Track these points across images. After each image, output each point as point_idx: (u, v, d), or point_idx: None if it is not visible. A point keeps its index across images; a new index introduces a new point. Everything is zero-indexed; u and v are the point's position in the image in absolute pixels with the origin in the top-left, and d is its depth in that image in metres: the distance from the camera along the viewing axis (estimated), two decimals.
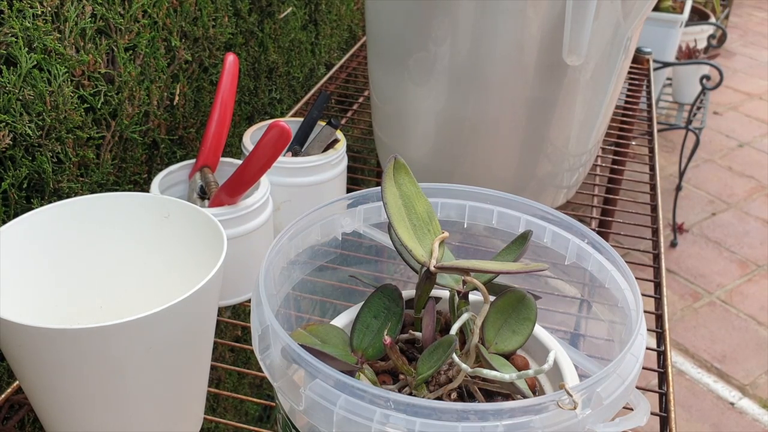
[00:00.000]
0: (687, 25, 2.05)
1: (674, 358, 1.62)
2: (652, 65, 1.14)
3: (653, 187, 0.83)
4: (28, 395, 0.41)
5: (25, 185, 0.53)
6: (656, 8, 1.90)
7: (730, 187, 2.25)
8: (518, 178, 0.70)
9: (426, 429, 0.30)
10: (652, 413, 0.39)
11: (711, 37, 2.22)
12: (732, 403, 1.52)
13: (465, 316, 0.38)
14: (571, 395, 0.31)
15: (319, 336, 0.39)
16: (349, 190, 0.68)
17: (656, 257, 0.70)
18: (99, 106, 0.59)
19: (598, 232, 0.74)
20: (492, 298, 0.39)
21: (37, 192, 0.55)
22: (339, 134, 0.68)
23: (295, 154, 0.70)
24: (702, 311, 1.76)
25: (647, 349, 0.39)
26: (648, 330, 0.44)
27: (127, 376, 0.39)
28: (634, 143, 0.97)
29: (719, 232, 2.05)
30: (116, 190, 0.64)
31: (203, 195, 0.60)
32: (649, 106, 1.03)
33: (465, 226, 0.47)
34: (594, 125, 0.70)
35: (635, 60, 1.13)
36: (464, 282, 0.39)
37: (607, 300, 0.41)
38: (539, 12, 0.59)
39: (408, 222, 0.40)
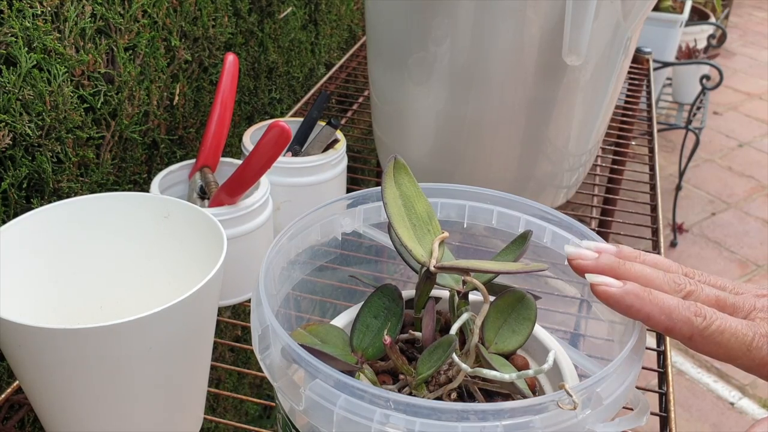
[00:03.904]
0: (687, 25, 2.05)
1: (674, 358, 1.62)
2: (652, 65, 1.14)
3: (653, 187, 0.83)
4: (28, 395, 0.41)
5: (25, 185, 0.53)
6: (656, 8, 1.91)
7: (730, 187, 2.25)
8: (518, 178, 0.70)
9: (426, 429, 0.30)
10: (652, 413, 0.39)
11: (711, 37, 2.22)
12: (732, 403, 1.52)
13: (465, 316, 0.38)
14: (571, 395, 0.31)
15: (319, 336, 0.39)
16: (349, 190, 0.68)
17: None
18: (99, 106, 0.59)
19: (598, 232, 0.74)
20: (492, 298, 0.39)
21: (37, 192, 0.55)
22: (339, 134, 0.68)
23: (295, 154, 0.70)
24: None
25: (647, 349, 0.39)
26: (648, 330, 0.44)
27: (127, 376, 0.39)
28: (634, 143, 0.97)
29: (719, 232, 2.05)
30: (116, 190, 0.64)
31: (203, 195, 0.60)
32: (649, 106, 1.03)
33: (465, 226, 0.46)
34: (594, 125, 0.70)
35: (635, 60, 1.13)
36: (464, 282, 0.39)
37: None
38: (539, 12, 0.59)
39: (408, 222, 0.40)
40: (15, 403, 0.53)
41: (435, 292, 0.41)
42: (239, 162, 0.63)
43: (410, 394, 0.37)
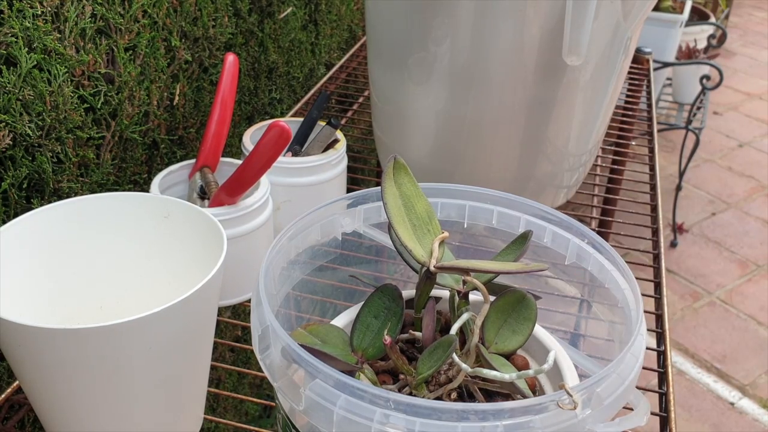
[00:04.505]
0: (687, 25, 2.05)
1: (674, 358, 1.62)
2: (652, 65, 1.14)
3: (653, 187, 0.83)
4: (28, 395, 0.41)
5: (25, 185, 0.53)
6: (656, 8, 1.90)
7: (730, 187, 2.25)
8: (518, 178, 0.70)
9: (426, 429, 0.30)
10: (652, 413, 0.39)
11: (711, 37, 2.22)
12: (732, 403, 1.52)
13: (465, 316, 0.38)
14: (571, 395, 0.31)
15: (319, 336, 0.39)
16: (349, 190, 0.68)
17: (656, 257, 0.70)
18: (99, 106, 0.59)
19: (598, 232, 0.74)
20: (492, 298, 0.39)
21: (37, 192, 0.55)
22: (339, 134, 0.68)
23: (295, 154, 0.70)
24: (702, 311, 1.77)
25: (647, 349, 0.39)
26: (648, 330, 0.44)
27: (126, 376, 0.39)
28: (634, 143, 0.97)
29: (719, 232, 2.05)
30: (116, 190, 0.64)
31: (203, 195, 0.60)
32: (649, 106, 1.03)
33: (465, 226, 0.47)
34: (594, 125, 0.70)
35: (635, 60, 1.13)
36: (464, 282, 0.39)
37: (607, 300, 0.41)
38: (539, 12, 0.59)
39: (408, 222, 0.40)
40: (15, 403, 0.53)
41: (435, 292, 0.41)
42: (239, 162, 0.63)
43: (410, 394, 0.37)
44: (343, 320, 0.44)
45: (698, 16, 2.22)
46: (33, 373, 0.38)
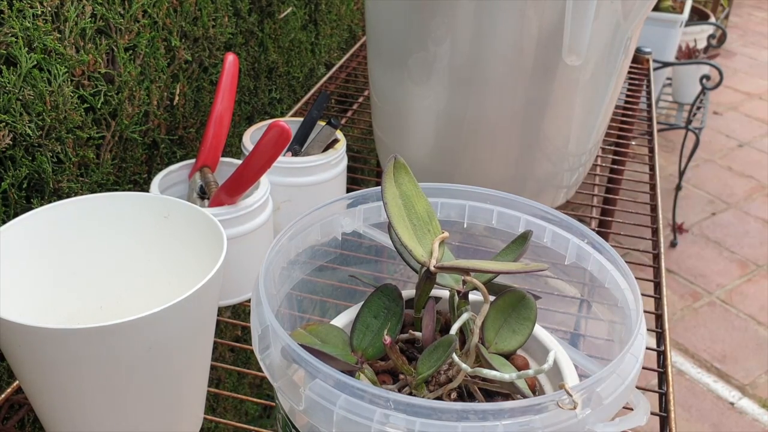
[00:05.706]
0: (687, 25, 2.05)
1: (674, 358, 1.62)
2: (652, 65, 1.14)
3: (653, 187, 0.83)
4: (28, 395, 0.41)
5: (25, 185, 0.53)
6: (656, 8, 1.90)
7: (730, 187, 2.25)
8: (518, 178, 0.70)
9: (426, 429, 0.30)
10: (652, 413, 0.39)
11: (711, 36, 2.22)
12: (732, 403, 1.52)
13: (465, 316, 0.38)
14: (571, 395, 0.31)
15: (319, 336, 0.39)
16: (349, 190, 0.68)
17: (656, 257, 0.70)
18: (99, 106, 0.59)
19: (598, 232, 0.74)
20: (492, 298, 0.39)
21: (37, 192, 0.55)
22: (339, 134, 0.68)
23: (295, 154, 0.70)
24: (702, 311, 1.76)
25: (647, 349, 0.39)
26: (648, 330, 0.44)
27: (127, 376, 0.39)
28: (634, 143, 0.97)
29: (719, 232, 2.04)
30: (116, 190, 0.64)
31: (203, 195, 0.60)
32: (649, 106, 1.03)
33: (465, 226, 0.47)
34: (594, 125, 0.70)
35: (635, 60, 1.13)
36: (464, 282, 0.39)
37: (607, 300, 0.41)
38: (539, 12, 0.59)
39: (408, 222, 0.40)
40: (15, 403, 0.53)
41: (435, 292, 0.41)
42: (239, 162, 0.63)
43: (410, 394, 0.37)
44: (343, 320, 0.44)
45: (698, 16, 2.22)
46: (33, 373, 0.38)
